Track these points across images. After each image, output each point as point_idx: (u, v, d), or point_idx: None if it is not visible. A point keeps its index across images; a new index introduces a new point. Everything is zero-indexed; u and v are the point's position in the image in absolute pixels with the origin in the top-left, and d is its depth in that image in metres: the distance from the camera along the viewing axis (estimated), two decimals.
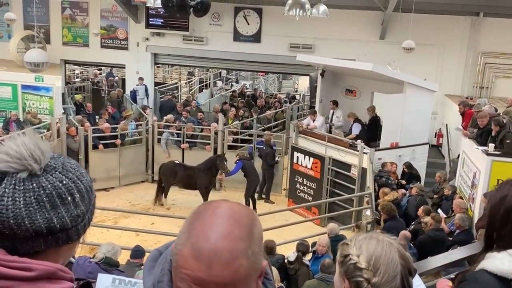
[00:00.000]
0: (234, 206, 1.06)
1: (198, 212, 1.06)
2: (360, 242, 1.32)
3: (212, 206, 1.06)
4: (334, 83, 13.88)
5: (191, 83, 24.23)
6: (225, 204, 1.06)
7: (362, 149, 11.06)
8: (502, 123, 9.18)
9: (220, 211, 1.04)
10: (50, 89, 14.96)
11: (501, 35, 15.02)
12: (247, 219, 1.04)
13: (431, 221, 8.17)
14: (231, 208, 1.05)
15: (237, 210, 1.05)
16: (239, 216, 1.03)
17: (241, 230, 1.01)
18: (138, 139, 14.07)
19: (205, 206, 1.07)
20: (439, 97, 14.61)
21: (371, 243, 1.31)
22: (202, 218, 1.03)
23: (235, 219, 1.02)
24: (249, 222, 1.04)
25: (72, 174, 1.12)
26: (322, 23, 14.55)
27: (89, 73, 24.08)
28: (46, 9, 17.60)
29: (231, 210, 1.04)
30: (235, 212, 1.04)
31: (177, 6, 11.93)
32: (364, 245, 1.31)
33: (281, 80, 29.24)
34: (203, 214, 1.04)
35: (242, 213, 1.05)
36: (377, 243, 1.30)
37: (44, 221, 1.05)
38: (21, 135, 1.10)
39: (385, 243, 1.31)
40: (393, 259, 1.28)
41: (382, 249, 1.29)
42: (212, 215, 1.03)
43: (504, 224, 1.58)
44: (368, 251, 1.29)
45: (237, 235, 0.99)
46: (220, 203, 1.07)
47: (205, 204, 1.08)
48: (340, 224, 10.06)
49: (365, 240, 1.32)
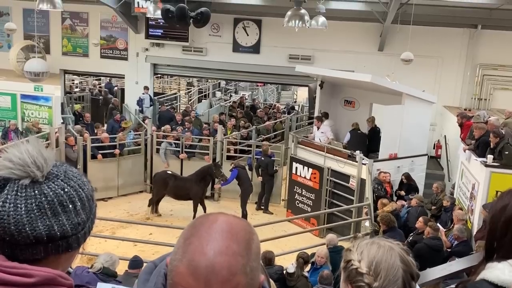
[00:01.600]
0: (232, 220, 1.04)
1: (195, 226, 1.03)
2: (362, 247, 1.34)
3: (209, 220, 1.03)
4: (333, 94, 13.92)
5: (190, 93, 24.29)
6: (222, 217, 1.04)
7: (361, 160, 11.06)
8: (501, 134, 9.20)
9: (217, 225, 1.01)
10: (49, 98, 14.97)
11: (499, 48, 15.11)
12: (245, 233, 1.02)
13: (428, 230, 8.17)
14: (228, 222, 1.02)
15: (234, 224, 1.02)
16: (237, 231, 1.01)
17: (239, 245, 0.98)
18: (137, 149, 14.06)
19: (202, 220, 1.04)
20: (438, 109, 14.65)
21: (372, 248, 1.32)
22: (199, 232, 1.00)
23: (232, 234, 1.00)
24: (247, 236, 1.02)
25: (74, 182, 1.13)
26: (321, 34, 14.63)
27: (88, 83, 24.14)
28: (46, 19, 17.68)
29: (228, 224, 1.02)
30: (232, 227, 1.01)
31: (177, 17, 11.99)
32: (365, 251, 1.33)
33: (280, 91, 29.32)
34: (200, 228, 1.01)
35: (240, 227, 1.02)
36: (378, 248, 1.32)
37: (45, 228, 1.05)
38: (25, 142, 1.11)
39: (386, 248, 1.32)
40: (394, 264, 1.29)
41: (382, 254, 1.31)
42: (209, 229, 1.00)
43: (505, 234, 1.57)
44: (369, 256, 1.31)
45: (234, 250, 0.97)
46: (217, 217, 1.04)
47: (202, 218, 1.06)
48: (339, 235, 10.03)
49: (367, 245, 1.34)
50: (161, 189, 12.11)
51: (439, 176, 13.43)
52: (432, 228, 8.16)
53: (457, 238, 8.31)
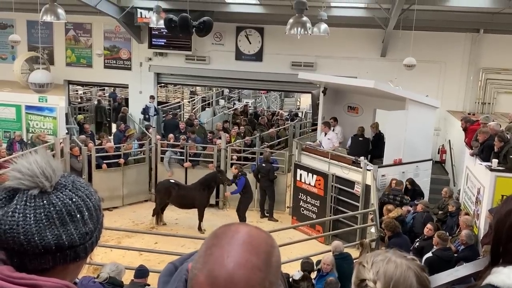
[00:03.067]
0: (253, 232, 1.04)
1: (217, 236, 1.03)
2: (378, 265, 1.26)
3: (231, 231, 1.03)
4: (336, 100, 13.93)
5: (193, 102, 24.35)
6: (244, 229, 1.04)
7: (365, 166, 11.04)
8: (506, 138, 9.17)
9: (239, 236, 1.01)
10: (54, 109, 15.05)
11: (502, 51, 15.11)
12: (266, 246, 1.02)
13: (438, 240, 8.08)
14: (250, 234, 1.03)
15: (255, 236, 1.03)
16: (258, 243, 1.01)
17: (258, 258, 0.98)
18: (141, 158, 14.10)
19: (224, 230, 1.05)
20: (442, 113, 14.64)
21: (389, 268, 1.25)
22: (221, 243, 1.01)
23: (253, 246, 1.00)
24: (268, 249, 1.02)
25: (82, 192, 1.14)
26: (323, 41, 14.67)
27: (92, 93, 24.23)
28: (50, 31, 17.80)
29: (250, 236, 1.02)
30: (253, 239, 1.02)
31: (180, 27, 12.05)
32: (381, 270, 1.25)
33: (283, 98, 29.36)
34: (222, 239, 1.02)
35: (261, 239, 1.03)
36: (395, 268, 1.25)
37: (53, 238, 1.07)
38: (33, 153, 1.13)
39: (403, 267, 1.25)
40: (412, 285, 1.24)
41: (400, 275, 1.24)
42: (230, 240, 1.00)
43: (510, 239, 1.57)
44: (386, 276, 1.24)
45: (254, 264, 0.97)
46: (239, 228, 1.04)
47: (224, 228, 1.06)
48: (345, 241, 10.00)
49: (383, 263, 1.26)
50: (164, 198, 12.11)
51: (444, 181, 13.39)
52: (442, 238, 8.06)
53: (464, 244, 8.27)
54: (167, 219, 12.54)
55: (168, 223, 12.45)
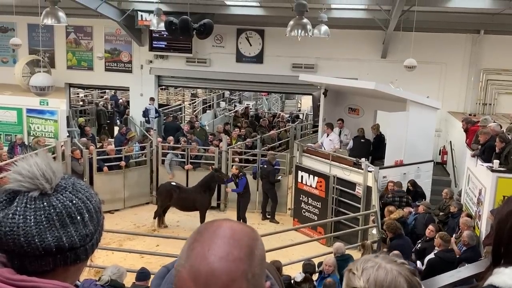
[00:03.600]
0: (235, 226, 1.04)
1: (199, 232, 1.04)
2: (368, 272, 1.24)
3: (213, 226, 1.04)
4: (337, 102, 13.93)
5: (194, 104, 24.37)
6: (226, 224, 1.04)
7: (366, 168, 11.04)
8: (507, 139, 9.17)
9: (221, 231, 1.02)
10: (55, 112, 15.06)
11: (502, 52, 15.11)
12: (248, 239, 1.02)
13: (440, 242, 8.06)
14: (232, 228, 1.03)
15: (238, 230, 1.03)
16: (240, 236, 1.01)
17: (240, 251, 0.98)
18: (143, 161, 14.10)
19: (206, 226, 1.06)
20: (442, 114, 14.64)
21: (380, 275, 1.23)
22: (202, 238, 1.01)
23: (235, 240, 1.00)
24: (250, 242, 1.02)
25: (82, 194, 1.14)
26: (324, 43, 14.67)
27: (93, 96, 24.28)
28: (51, 34, 17.83)
29: (232, 230, 1.02)
30: (235, 232, 1.02)
31: (180, 29, 12.06)
32: (372, 277, 1.23)
33: (284, 100, 29.37)
34: (204, 234, 1.02)
35: (243, 233, 1.03)
36: (385, 274, 1.23)
37: (54, 240, 1.07)
38: (34, 155, 1.13)
39: (394, 274, 1.23)
40: None
41: (391, 282, 1.22)
42: (212, 235, 1.01)
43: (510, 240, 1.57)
44: (377, 284, 1.22)
45: (236, 256, 0.97)
46: (221, 223, 1.05)
47: (207, 224, 1.07)
48: (346, 243, 9.98)
49: (373, 270, 1.24)
50: (166, 200, 12.11)
51: (446, 182, 13.38)
52: (444, 239, 8.04)
53: (466, 244, 8.25)
54: (169, 221, 12.54)
55: (169, 225, 12.45)
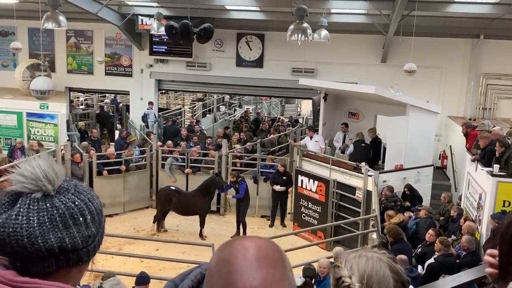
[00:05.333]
0: (260, 243, 1.02)
1: (226, 259, 0.99)
2: (351, 262, 1.31)
3: (239, 250, 0.99)
4: (337, 106, 13.95)
5: (194, 108, 24.38)
6: (250, 244, 1.01)
7: (366, 172, 11.04)
8: (507, 143, 9.17)
9: (251, 254, 0.98)
10: (55, 116, 15.08)
11: (502, 57, 15.14)
12: (276, 252, 1.01)
13: (440, 246, 8.05)
14: (259, 246, 1.00)
15: (264, 246, 1.01)
16: (270, 253, 1.00)
17: (278, 268, 0.98)
18: (142, 165, 14.10)
19: (231, 251, 1.00)
20: (442, 119, 14.65)
21: (361, 262, 1.30)
22: (236, 268, 0.96)
23: (268, 258, 0.99)
24: (279, 255, 1.02)
25: (84, 196, 1.15)
26: (324, 47, 14.70)
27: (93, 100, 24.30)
28: (51, 38, 17.87)
29: (260, 249, 1.00)
30: (264, 250, 1.00)
31: (181, 33, 12.09)
32: (354, 265, 1.30)
33: (284, 104, 29.38)
34: (234, 262, 0.97)
35: (270, 248, 1.01)
36: (366, 260, 1.30)
37: (57, 241, 1.07)
38: (36, 157, 1.14)
39: (374, 259, 1.30)
40: (385, 275, 1.28)
41: (372, 266, 1.28)
42: (244, 261, 0.97)
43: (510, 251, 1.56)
44: (359, 270, 1.28)
45: (278, 276, 0.97)
46: (245, 243, 1.01)
47: (230, 248, 1.01)
48: (346, 247, 9.95)
49: (355, 259, 1.31)
50: (165, 205, 12.09)
51: (446, 187, 13.37)
52: (443, 244, 8.04)
53: (466, 249, 8.24)
54: (168, 225, 12.52)
55: (169, 229, 12.43)
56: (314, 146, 12.90)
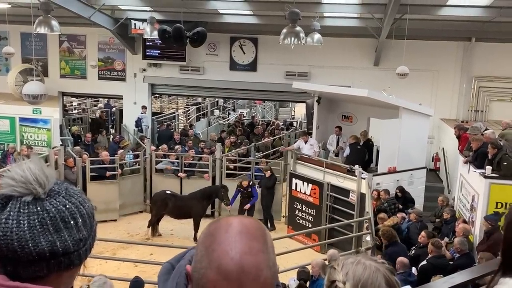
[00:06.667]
0: (244, 220, 1.09)
1: (211, 233, 1.07)
2: (348, 267, 1.30)
3: (223, 225, 1.08)
4: (330, 109, 13.99)
5: (188, 112, 24.37)
6: (234, 220, 1.09)
7: (360, 175, 11.07)
8: (499, 145, 9.23)
9: (233, 228, 1.06)
10: (48, 121, 15.02)
11: (494, 59, 15.24)
12: (259, 230, 1.08)
13: (432, 248, 8.09)
14: (242, 222, 1.08)
15: (248, 224, 1.08)
16: (252, 229, 1.07)
17: (258, 242, 1.05)
18: (136, 169, 14.05)
19: (216, 226, 1.08)
20: (435, 121, 14.72)
21: (358, 269, 1.28)
22: (219, 239, 1.05)
23: (249, 233, 1.06)
24: (262, 233, 1.08)
25: (75, 199, 1.14)
26: (317, 51, 14.75)
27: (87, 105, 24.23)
28: (44, 43, 17.82)
29: (243, 225, 1.07)
30: (247, 226, 1.07)
31: (174, 37, 12.10)
32: (350, 271, 1.28)
33: (278, 108, 29.43)
34: (218, 234, 1.06)
35: (253, 225, 1.08)
36: (364, 269, 1.28)
37: (48, 244, 1.06)
38: (27, 161, 1.13)
39: (372, 269, 1.28)
40: (380, 286, 1.26)
41: (368, 276, 1.27)
42: (226, 234, 1.05)
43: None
44: (355, 278, 1.27)
45: (257, 248, 1.04)
46: (229, 220, 1.09)
47: (215, 224, 1.10)
48: (340, 250, 9.98)
49: (353, 265, 1.30)
50: (160, 209, 12.06)
51: (439, 189, 13.43)
52: (435, 246, 8.08)
53: (459, 251, 8.28)
54: (162, 230, 12.48)
55: (163, 234, 12.39)
56: (309, 150, 12.94)
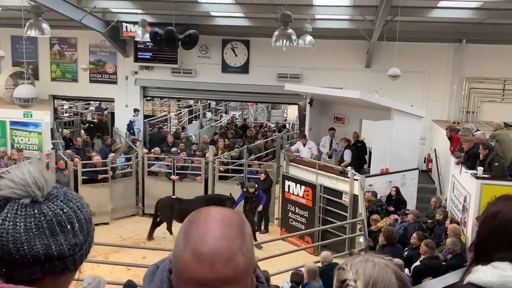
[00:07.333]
0: (223, 210, 1.14)
1: (191, 220, 1.12)
2: (357, 266, 1.31)
3: (203, 214, 1.13)
4: (322, 111, 14.02)
5: (180, 114, 24.31)
6: (214, 209, 1.14)
7: (352, 176, 11.09)
8: (490, 146, 9.29)
9: (212, 216, 1.11)
10: (39, 124, 14.92)
11: (484, 61, 15.35)
12: (237, 220, 1.12)
13: (425, 249, 8.11)
14: (221, 212, 1.13)
15: (226, 213, 1.13)
16: (230, 218, 1.11)
17: (233, 230, 1.09)
18: (128, 172, 13.99)
19: (196, 214, 1.13)
20: (427, 123, 14.79)
21: (368, 267, 1.30)
22: (197, 225, 1.10)
23: (226, 221, 1.10)
24: (239, 222, 1.12)
25: (73, 204, 1.15)
26: (309, 53, 14.78)
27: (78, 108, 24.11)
28: (35, 46, 17.71)
29: (221, 214, 1.12)
30: (225, 215, 1.12)
31: (166, 40, 12.06)
32: (360, 269, 1.30)
33: (270, 110, 29.44)
34: (196, 221, 1.11)
35: (231, 215, 1.13)
36: (373, 266, 1.30)
37: (43, 247, 1.07)
38: (27, 163, 1.14)
39: (381, 265, 1.30)
40: (391, 282, 1.28)
41: (379, 272, 1.28)
42: (204, 220, 1.10)
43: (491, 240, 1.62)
44: (365, 275, 1.28)
45: (231, 234, 1.08)
46: (209, 210, 1.14)
47: (195, 213, 1.14)
48: (334, 252, 9.99)
49: (361, 263, 1.31)
50: (167, 214, 11.99)
51: (431, 190, 13.49)
52: (429, 246, 8.10)
53: (451, 252, 8.31)
54: (155, 233, 12.42)
55: (156, 237, 12.33)
56: (307, 153, 12.90)
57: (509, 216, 1.62)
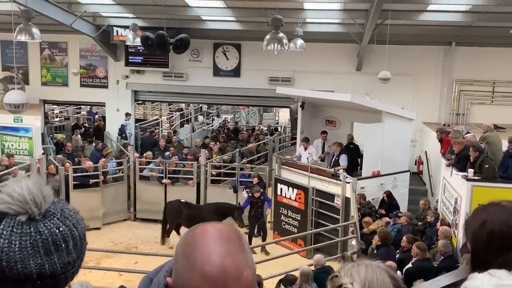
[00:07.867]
0: (218, 225, 1.13)
1: (188, 242, 1.10)
2: (350, 270, 1.34)
3: (199, 233, 1.11)
4: (314, 114, 14.06)
5: (172, 118, 24.26)
6: (209, 226, 1.13)
7: (344, 179, 11.12)
8: (481, 148, 9.36)
9: (210, 233, 1.10)
10: (29, 129, 14.82)
11: (474, 63, 15.49)
12: (234, 233, 1.12)
13: (417, 251, 8.15)
14: (216, 228, 1.12)
15: (222, 228, 1.12)
16: (227, 233, 1.11)
17: (235, 245, 1.09)
18: (120, 177, 13.93)
19: (192, 234, 1.12)
20: (417, 125, 14.87)
21: (361, 269, 1.33)
22: (197, 246, 1.08)
23: (225, 237, 1.10)
24: (237, 235, 1.12)
25: (69, 221, 1.13)
26: (300, 56, 14.82)
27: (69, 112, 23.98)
28: (25, 50, 17.60)
29: (218, 230, 1.11)
30: (221, 231, 1.11)
31: (157, 44, 12.06)
32: (354, 272, 1.32)
33: (262, 113, 29.46)
34: (196, 242, 1.09)
35: (227, 229, 1.13)
36: (366, 268, 1.33)
37: (36, 267, 1.05)
38: (26, 178, 1.12)
39: (373, 266, 1.33)
40: (385, 281, 1.30)
41: (373, 273, 1.31)
42: (204, 240, 1.09)
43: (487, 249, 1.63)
44: (360, 277, 1.31)
45: (234, 250, 1.08)
46: (204, 227, 1.12)
47: (191, 233, 1.13)
48: (326, 255, 10.00)
49: (354, 267, 1.34)
50: (175, 218, 11.93)
51: (422, 192, 13.55)
52: (420, 248, 8.15)
53: (443, 254, 8.35)
54: (147, 238, 12.39)
55: (148, 242, 12.29)
56: (306, 159, 12.81)
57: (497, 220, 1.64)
